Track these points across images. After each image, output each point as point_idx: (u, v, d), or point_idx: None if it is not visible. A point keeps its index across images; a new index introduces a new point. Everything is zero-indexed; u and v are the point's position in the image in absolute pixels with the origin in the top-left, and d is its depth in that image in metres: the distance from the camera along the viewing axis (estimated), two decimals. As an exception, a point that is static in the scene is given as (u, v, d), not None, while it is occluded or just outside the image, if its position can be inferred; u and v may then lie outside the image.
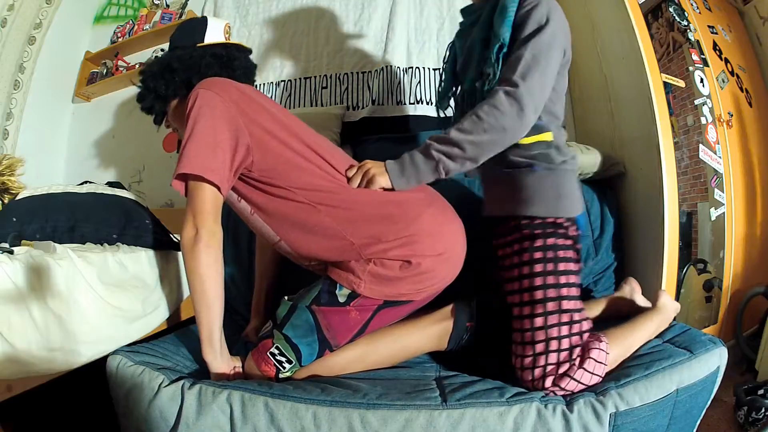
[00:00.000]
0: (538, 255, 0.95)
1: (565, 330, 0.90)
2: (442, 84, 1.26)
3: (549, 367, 0.88)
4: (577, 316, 0.92)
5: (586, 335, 0.91)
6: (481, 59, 1.03)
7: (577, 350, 0.89)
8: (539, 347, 0.89)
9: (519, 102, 0.90)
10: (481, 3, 1.09)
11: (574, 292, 0.94)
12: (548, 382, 0.87)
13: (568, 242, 0.97)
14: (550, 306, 0.91)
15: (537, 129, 0.98)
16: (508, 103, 0.90)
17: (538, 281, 0.93)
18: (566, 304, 0.92)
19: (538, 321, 0.91)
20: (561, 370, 0.87)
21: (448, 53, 1.24)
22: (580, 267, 0.99)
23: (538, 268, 0.94)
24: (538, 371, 0.88)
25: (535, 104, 0.92)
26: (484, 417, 0.77)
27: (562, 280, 0.93)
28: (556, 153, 1.00)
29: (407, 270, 0.89)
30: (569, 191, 1.01)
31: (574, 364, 0.87)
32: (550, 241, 0.96)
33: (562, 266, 0.94)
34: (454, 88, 1.24)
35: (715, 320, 1.70)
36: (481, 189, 1.24)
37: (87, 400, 1.10)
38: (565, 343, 0.89)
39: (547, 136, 1.00)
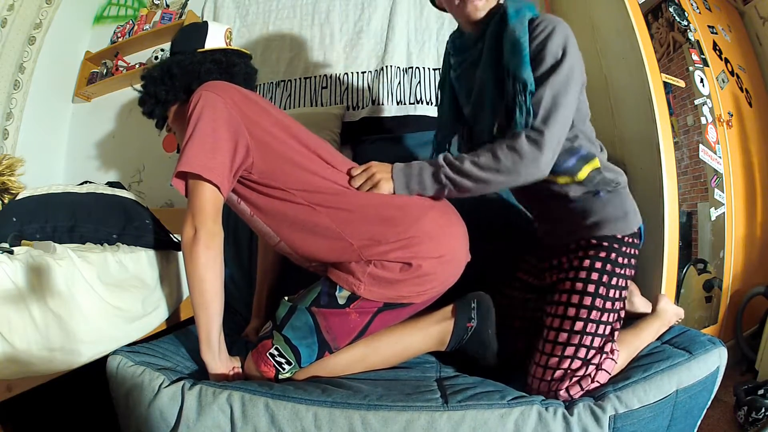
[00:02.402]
0: (598, 265, 0.96)
1: (597, 342, 0.90)
2: (442, 129, 1.24)
3: (570, 372, 0.88)
4: (609, 330, 0.93)
5: (608, 346, 0.91)
6: (496, 108, 0.98)
7: (596, 360, 0.89)
8: (569, 350, 0.89)
9: (541, 149, 0.87)
10: (475, 31, 1.02)
11: (619, 306, 0.96)
12: (563, 385, 0.87)
13: (631, 261, 1.00)
14: (594, 315, 0.92)
15: (584, 159, 0.98)
16: (529, 149, 0.88)
17: (591, 288, 0.94)
18: (609, 318, 0.93)
19: (578, 325, 0.91)
20: (577, 377, 0.87)
21: (440, 94, 1.21)
22: (632, 276, 1.02)
23: (595, 276, 0.95)
24: (559, 373, 0.88)
25: (555, 150, 0.90)
26: (485, 419, 0.77)
27: (613, 294, 0.95)
28: (609, 174, 1.01)
29: (407, 272, 0.89)
30: (630, 207, 1.04)
31: (589, 374, 0.87)
32: (613, 256, 0.97)
33: (616, 281, 0.96)
34: (456, 132, 1.23)
35: (715, 320, 1.70)
36: (538, 221, 1.21)
37: (87, 400, 1.10)
38: (592, 354, 0.89)
39: (595, 163, 0.99)
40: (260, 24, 2.10)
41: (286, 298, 0.96)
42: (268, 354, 0.91)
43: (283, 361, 0.91)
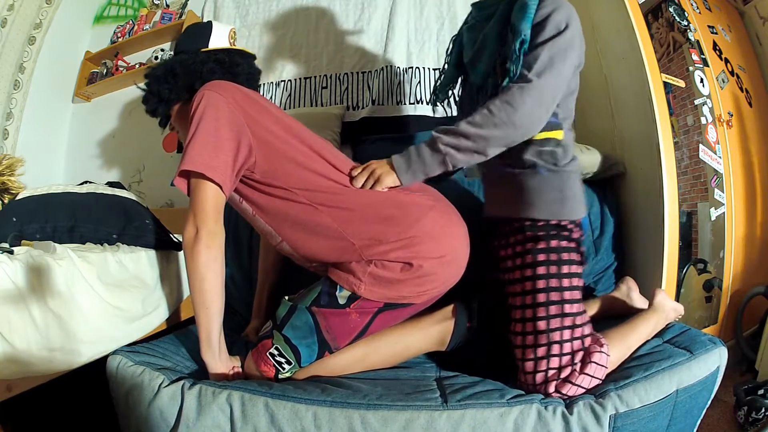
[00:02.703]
0: (541, 257, 0.94)
1: (567, 334, 0.89)
2: (444, 74, 1.25)
3: (551, 372, 0.87)
4: (579, 320, 0.91)
5: (588, 339, 0.91)
6: (494, 54, 1.01)
7: (579, 354, 0.88)
8: (541, 351, 0.89)
9: (532, 98, 0.89)
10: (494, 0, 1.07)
11: (577, 295, 0.94)
12: (551, 387, 0.86)
13: (572, 245, 0.97)
14: (553, 309, 0.91)
15: (550, 126, 0.98)
16: (521, 98, 0.89)
17: (541, 284, 0.93)
18: (569, 308, 0.91)
19: (541, 324, 0.90)
20: (563, 375, 0.87)
21: (451, 45, 1.22)
22: (582, 269, 0.98)
23: (541, 270, 0.93)
24: (539, 376, 0.88)
25: (547, 103, 0.92)
26: (485, 418, 0.77)
27: (565, 283, 0.93)
28: (562, 153, 0.99)
29: (408, 272, 0.89)
30: (573, 193, 1.00)
31: (575, 370, 0.87)
32: (554, 243, 0.95)
33: (565, 269, 0.94)
34: (455, 81, 1.23)
35: (715, 320, 1.70)
36: (482, 189, 1.23)
37: (87, 400, 1.10)
38: (567, 348, 0.89)
39: (558, 134, 0.99)
40: (260, 24, 2.11)
41: (287, 297, 0.96)
42: (268, 354, 0.91)
43: (283, 360, 0.91)
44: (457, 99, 1.28)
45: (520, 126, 0.90)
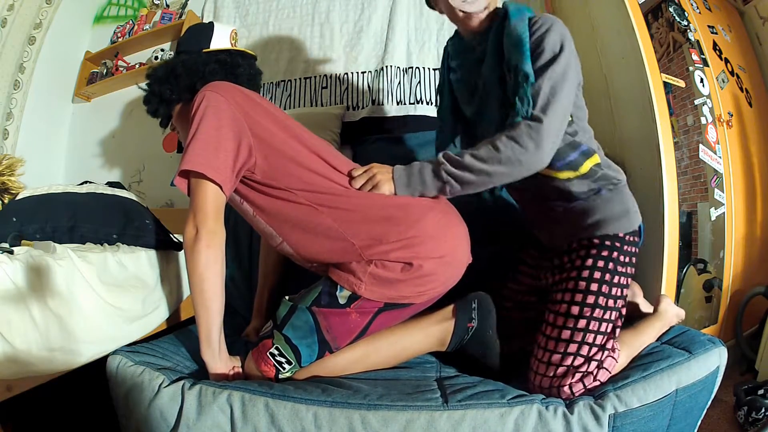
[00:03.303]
0: (600, 263, 0.96)
1: (599, 340, 0.91)
2: (443, 131, 1.25)
3: (572, 369, 0.88)
4: (610, 328, 0.93)
5: (610, 343, 0.91)
6: (503, 101, 0.99)
7: (599, 359, 0.89)
8: (572, 347, 0.90)
9: (540, 137, 0.88)
10: (476, 36, 1.05)
11: (621, 304, 0.96)
12: (566, 381, 0.87)
13: (631, 259, 1.00)
14: (597, 313, 0.92)
15: (586, 154, 0.99)
16: (528, 137, 0.88)
17: (594, 287, 0.94)
18: (611, 316, 0.93)
19: (582, 323, 0.91)
20: (579, 375, 0.88)
21: (440, 97, 1.22)
22: (633, 275, 1.01)
23: (597, 275, 0.95)
24: (561, 369, 0.89)
25: (554, 139, 0.91)
26: (485, 418, 0.77)
27: (615, 292, 0.95)
28: (610, 172, 1.01)
29: (408, 272, 0.89)
30: (631, 205, 1.04)
31: (591, 372, 0.88)
32: (615, 254, 0.97)
33: (617, 279, 0.96)
34: (457, 131, 1.24)
35: (715, 320, 1.70)
36: (536, 221, 1.19)
37: (87, 400, 1.10)
38: (594, 352, 0.90)
39: (595, 159, 1.01)
40: (260, 24, 2.11)
41: (287, 297, 0.96)
42: (268, 353, 0.91)
43: (283, 360, 0.91)
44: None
45: (526, 164, 0.90)
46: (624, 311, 0.97)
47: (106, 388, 0.88)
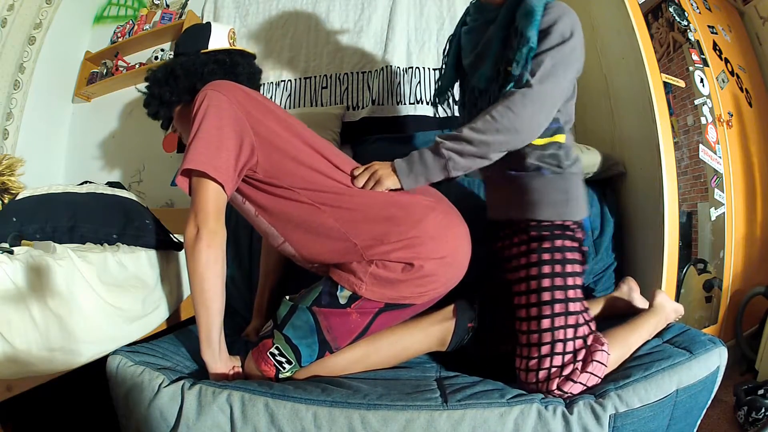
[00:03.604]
0: (546, 256, 0.95)
1: (570, 332, 0.90)
2: (442, 78, 1.25)
3: (553, 370, 0.88)
4: (581, 319, 0.92)
5: (590, 337, 0.91)
6: (498, 59, 1.01)
7: (582, 353, 0.89)
8: (545, 349, 0.89)
9: (534, 105, 0.90)
10: (496, 6, 1.07)
11: (580, 293, 0.95)
12: (553, 385, 0.86)
13: (575, 244, 0.98)
14: (558, 308, 0.91)
15: (552, 130, 0.99)
16: (522, 104, 0.90)
17: (546, 282, 0.93)
18: (573, 306, 0.92)
19: (545, 323, 0.91)
20: (565, 373, 0.87)
21: (448, 46, 1.22)
22: (584, 269, 0.99)
23: (546, 269, 0.94)
24: (542, 373, 0.88)
25: (547, 109, 0.93)
26: (485, 418, 0.77)
27: (570, 281, 0.94)
28: (564, 156, 1.00)
29: (409, 273, 0.89)
30: (577, 195, 1.01)
31: (577, 368, 0.87)
32: (558, 243, 0.96)
33: (569, 268, 0.94)
34: (454, 84, 1.23)
35: (715, 320, 1.70)
36: (484, 191, 1.23)
37: (87, 400, 1.10)
38: (570, 346, 0.89)
39: (560, 138, 1.00)
40: (260, 24, 2.11)
41: (288, 297, 0.96)
42: (268, 353, 0.91)
43: (283, 360, 0.91)
44: (456, 100, 1.28)
45: (521, 131, 0.91)
46: (583, 298, 0.95)
47: (106, 388, 0.88)
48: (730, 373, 1.55)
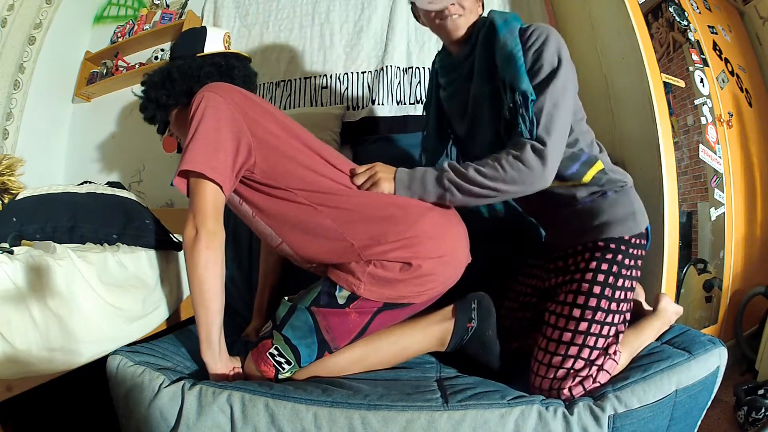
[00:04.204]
0: (604, 266, 0.95)
1: (601, 343, 0.90)
2: (428, 147, 1.26)
3: (572, 371, 0.88)
4: (614, 330, 0.92)
5: (612, 348, 0.91)
6: (494, 123, 0.99)
7: (600, 361, 0.89)
8: (573, 350, 0.89)
9: (545, 159, 0.88)
10: (462, 49, 1.04)
11: (625, 308, 0.95)
12: (566, 384, 0.87)
13: (636, 262, 0.99)
14: (599, 316, 0.91)
15: (588, 164, 0.99)
16: (535, 160, 0.88)
17: (597, 290, 0.93)
18: (614, 319, 0.92)
19: (583, 326, 0.91)
20: (579, 378, 0.87)
21: (426, 113, 1.23)
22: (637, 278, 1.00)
23: (601, 277, 0.94)
24: (561, 372, 0.88)
25: (558, 158, 0.91)
26: (486, 418, 0.77)
27: (619, 295, 0.94)
28: (615, 176, 1.01)
29: (407, 272, 0.89)
30: (638, 206, 1.03)
31: (591, 375, 0.87)
32: (620, 257, 0.96)
33: (624, 283, 0.95)
34: (443, 152, 1.26)
35: (715, 320, 1.70)
36: (544, 226, 1.21)
37: (87, 400, 1.10)
38: (595, 356, 0.89)
39: (599, 166, 1.00)
40: (260, 24, 2.11)
41: (286, 297, 0.96)
42: (268, 354, 0.91)
43: (282, 360, 0.91)
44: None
45: (530, 185, 0.90)
46: (628, 316, 0.97)
47: (106, 388, 0.88)
48: (730, 373, 1.55)
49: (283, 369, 0.92)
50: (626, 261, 0.97)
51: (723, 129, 1.78)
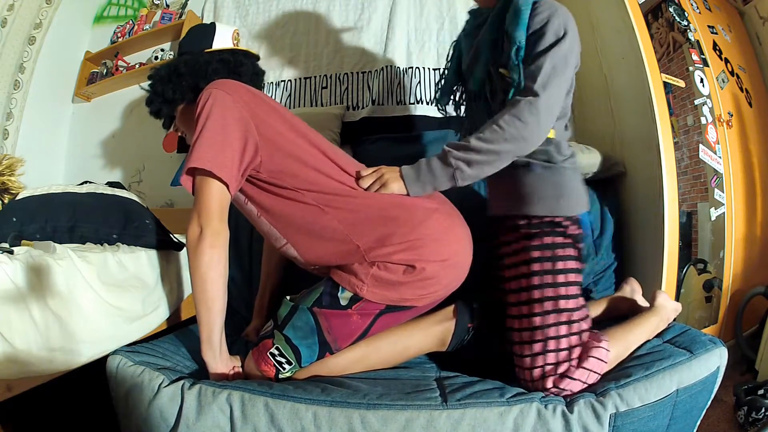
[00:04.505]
0: (535, 254, 0.95)
1: (563, 330, 0.90)
2: (444, 81, 1.26)
3: (548, 367, 0.88)
4: (575, 316, 0.92)
5: (585, 335, 0.91)
6: (488, 61, 1.02)
7: (577, 350, 0.88)
8: (537, 347, 0.89)
9: (539, 112, 0.90)
10: (487, 5, 1.08)
11: (573, 290, 0.94)
12: (548, 382, 0.87)
13: (568, 240, 0.97)
14: (548, 305, 0.91)
15: None
16: (530, 113, 0.90)
17: (536, 280, 0.93)
18: (564, 304, 0.92)
19: (536, 320, 0.91)
20: (560, 371, 0.87)
21: (452, 51, 1.23)
22: (581, 266, 0.98)
23: (536, 267, 0.94)
24: (537, 371, 0.88)
25: (553, 115, 0.93)
26: (485, 417, 0.77)
27: (560, 279, 0.93)
28: (555, 151, 1.00)
29: (411, 275, 0.88)
30: (570, 190, 1.00)
31: (572, 365, 0.87)
32: (548, 239, 0.95)
33: (560, 265, 0.94)
34: (456, 87, 1.24)
35: (715, 320, 1.70)
36: (486, 189, 1.23)
37: (87, 400, 1.10)
38: (564, 343, 0.89)
39: (549, 134, 0.99)
40: (260, 24, 2.11)
41: (288, 297, 0.96)
42: (268, 353, 0.91)
43: (283, 360, 0.91)
44: (456, 101, 1.29)
45: (529, 139, 0.92)
46: (582, 300, 0.95)
47: (106, 388, 0.88)
48: (730, 373, 1.55)
49: (284, 369, 0.91)
50: (557, 240, 0.96)
51: (723, 129, 1.78)
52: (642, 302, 1.16)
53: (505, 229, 1.04)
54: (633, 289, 1.18)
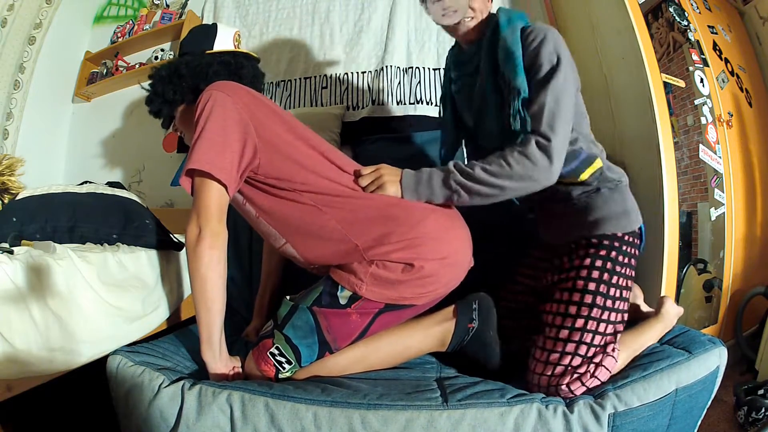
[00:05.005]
0: (598, 263, 0.97)
1: (598, 340, 0.91)
2: (446, 139, 1.26)
3: (570, 368, 0.88)
4: (612, 329, 0.93)
5: (610, 346, 0.91)
6: (499, 114, 1.01)
7: (598, 359, 0.89)
8: (570, 347, 0.90)
9: (551, 155, 0.89)
10: (471, 46, 1.07)
11: (622, 307, 0.96)
12: (564, 380, 0.87)
13: (630, 261, 0.99)
14: (595, 313, 0.92)
15: (588, 162, 1.01)
16: (540, 155, 0.89)
17: (592, 286, 0.94)
18: (611, 317, 0.93)
19: (579, 322, 0.92)
20: (579, 372, 0.88)
21: (442, 108, 1.24)
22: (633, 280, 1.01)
23: (595, 274, 0.96)
24: (560, 369, 0.89)
25: (563, 154, 0.92)
26: (485, 417, 0.77)
27: (614, 292, 0.95)
28: (610, 174, 1.02)
29: (409, 273, 0.89)
30: (632, 206, 1.04)
31: (590, 371, 0.88)
32: (613, 254, 0.98)
33: (618, 281, 0.96)
34: (460, 143, 1.26)
35: (715, 320, 1.70)
36: (539, 220, 1.21)
37: (87, 400, 1.10)
38: (592, 352, 0.90)
39: (598, 164, 1.01)
40: (260, 24, 2.11)
41: (288, 297, 0.96)
42: (268, 353, 0.91)
43: (283, 360, 0.91)
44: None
45: (538, 180, 0.91)
46: (626, 316, 0.97)
47: (106, 388, 0.88)
48: (730, 373, 1.55)
49: (284, 369, 0.92)
50: (620, 258, 0.98)
51: (723, 129, 1.78)
52: (644, 307, 1.16)
53: (568, 250, 1.04)
54: (635, 294, 1.18)
